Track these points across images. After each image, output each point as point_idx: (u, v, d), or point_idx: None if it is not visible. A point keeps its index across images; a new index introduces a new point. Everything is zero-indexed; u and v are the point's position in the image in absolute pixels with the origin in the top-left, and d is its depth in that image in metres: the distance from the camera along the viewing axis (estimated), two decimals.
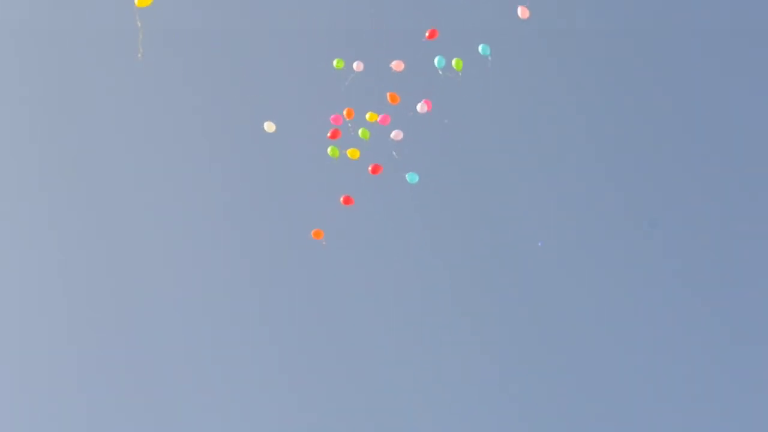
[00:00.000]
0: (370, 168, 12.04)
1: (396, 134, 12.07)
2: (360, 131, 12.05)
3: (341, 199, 12.25)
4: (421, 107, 11.94)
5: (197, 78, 15.52)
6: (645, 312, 14.96)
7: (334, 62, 12.06)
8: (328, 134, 12.06)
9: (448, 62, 11.98)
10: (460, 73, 11.94)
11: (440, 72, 11.98)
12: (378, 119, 12.02)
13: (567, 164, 15.24)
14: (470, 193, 15.19)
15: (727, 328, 14.88)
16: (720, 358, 14.83)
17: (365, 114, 12.05)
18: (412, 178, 12.11)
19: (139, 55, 10.47)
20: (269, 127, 12.32)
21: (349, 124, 12.03)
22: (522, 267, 15.04)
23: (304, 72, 15.08)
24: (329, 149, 12.10)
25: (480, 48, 11.87)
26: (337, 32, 14.83)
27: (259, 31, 15.30)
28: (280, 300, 15.32)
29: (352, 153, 12.08)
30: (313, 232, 12.35)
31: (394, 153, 12.07)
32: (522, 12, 11.79)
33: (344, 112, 12.05)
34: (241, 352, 15.11)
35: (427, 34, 11.85)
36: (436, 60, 11.95)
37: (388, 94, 11.88)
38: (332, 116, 12.05)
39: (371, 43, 12.65)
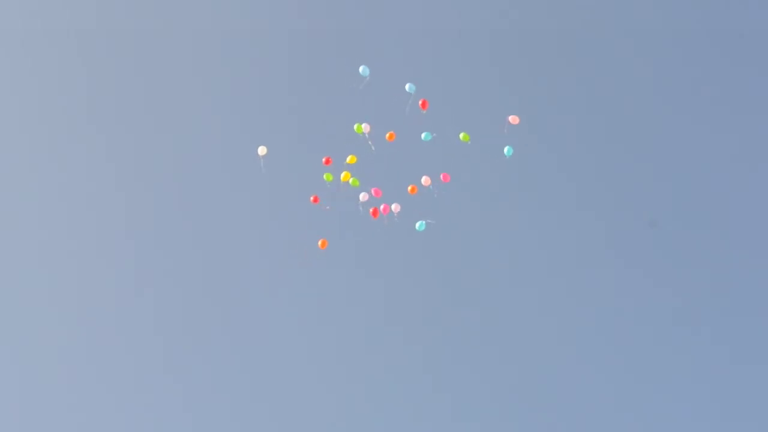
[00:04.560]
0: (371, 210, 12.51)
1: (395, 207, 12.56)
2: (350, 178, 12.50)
3: (311, 198, 12.57)
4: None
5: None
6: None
7: (355, 127, 12.44)
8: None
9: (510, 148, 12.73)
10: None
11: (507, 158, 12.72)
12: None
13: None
14: None
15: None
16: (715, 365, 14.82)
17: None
18: (420, 226, 12.58)
19: None
20: (262, 150, 12.53)
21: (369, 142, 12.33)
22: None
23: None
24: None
25: (505, 150, 12.65)
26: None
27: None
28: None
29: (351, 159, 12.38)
30: (320, 242, 12.70)
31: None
32: (512, 120, 12.50)
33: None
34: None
35: (419, 103, 12.31)
36: (506, 149, 12.65)
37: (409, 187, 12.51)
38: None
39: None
